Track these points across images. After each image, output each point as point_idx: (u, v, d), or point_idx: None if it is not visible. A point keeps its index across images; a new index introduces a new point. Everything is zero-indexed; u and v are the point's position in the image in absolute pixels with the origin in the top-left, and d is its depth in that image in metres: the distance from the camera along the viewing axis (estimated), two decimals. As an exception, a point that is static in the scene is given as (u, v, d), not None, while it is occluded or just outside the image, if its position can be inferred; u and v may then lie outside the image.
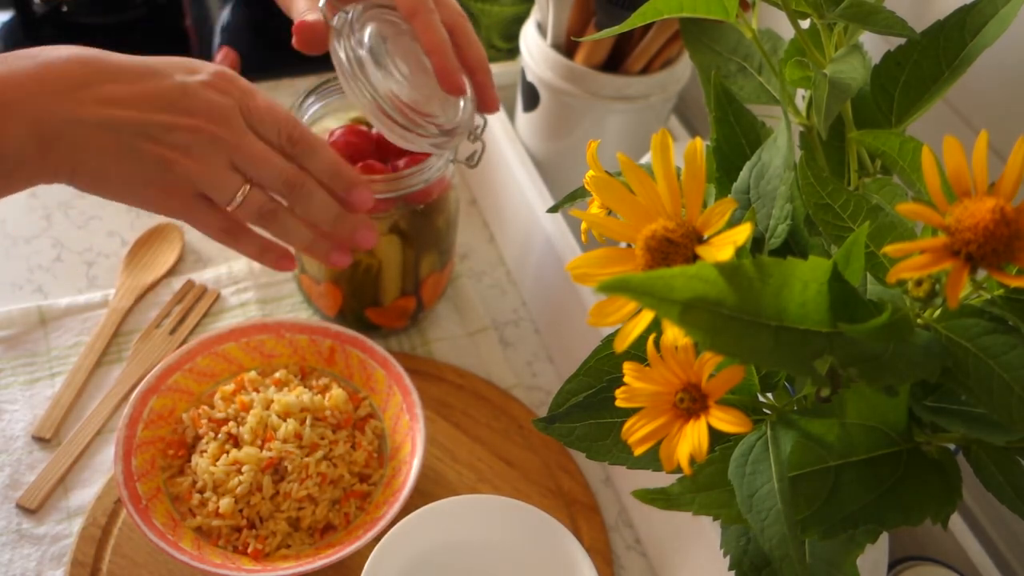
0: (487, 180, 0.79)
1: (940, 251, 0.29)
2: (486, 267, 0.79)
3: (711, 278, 0.29)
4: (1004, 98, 0.54)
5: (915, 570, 0.54)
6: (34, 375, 0.66)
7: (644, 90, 0.69)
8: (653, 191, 0.33)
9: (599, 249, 0.34)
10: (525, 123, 0.75)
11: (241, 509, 0.56)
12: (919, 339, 0.32)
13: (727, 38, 0.52)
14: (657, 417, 0.34)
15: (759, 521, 0.32)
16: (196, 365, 0.62)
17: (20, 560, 0.57)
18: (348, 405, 0.62)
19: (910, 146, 0.41)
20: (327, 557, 0.54)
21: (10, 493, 0.60)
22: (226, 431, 0.59)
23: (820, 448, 0.35)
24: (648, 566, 0.62)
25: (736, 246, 0.31)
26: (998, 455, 0.36)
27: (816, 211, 0.37)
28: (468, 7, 0.88)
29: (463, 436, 0.66)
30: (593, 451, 0.42)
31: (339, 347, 0.65)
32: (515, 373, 0.71)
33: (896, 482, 0.35)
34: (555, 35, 0.69)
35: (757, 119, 0.45)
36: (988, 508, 0.62)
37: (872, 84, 0.46)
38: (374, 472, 0.60)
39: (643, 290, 0.28)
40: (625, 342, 0.31)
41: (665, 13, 0.47)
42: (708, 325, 0.28)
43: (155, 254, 0.74)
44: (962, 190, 0.30)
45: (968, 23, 0.44)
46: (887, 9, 0.43)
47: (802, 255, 0.40)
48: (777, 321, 0.29)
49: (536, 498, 0.63)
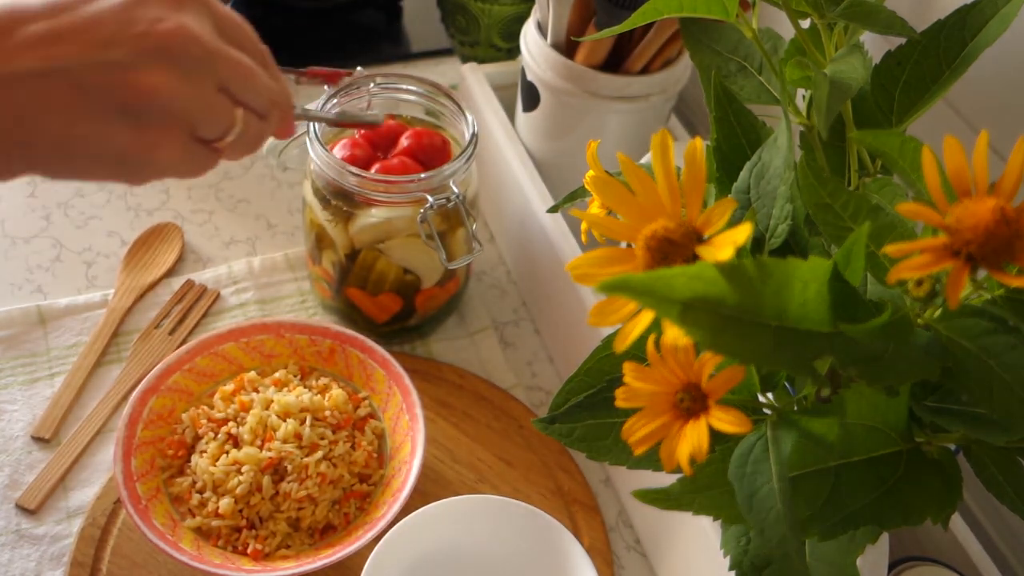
0: (487, 180, 0.79)
1: (940, 251, 0.29)
2: (486, 267, 0.78)
3: (711, 278, 0.28)
4: (1004, 98, 0.54)
5: (915, 570, 0.54)
6: (33, 375, 0.66)
7: (644, 90, 0.69)
8: (653, 191, 0.33)
9: (599, 249, 0.34)
10: (525, 123, 0.75)
11: (241, 509, 0.56)
12: (919, 339, 0.32)
13: (727, 38, 0.52)
14: (657, 417, 0.34)
15: (759, 521, 0.32)
16: (196, 365, 0.62)
17: (19, 560, 0.57)
18: (348, 405, 0.62)
19: (910, 146, 0.41)
20: (327, 557, 0.54)
21: (9, 493, 0.60)
22: (226, 431, 0.59)
23: (820, 448, 0.35)
24: (648, 566, 0.62)
25: (736, 246, 0.31)
26: (998, 455, 0.36)
27: (816, 211, 0.36)
28: (468, 7, 0.88)
29: (463, 436, 0.66)
30: (593, 451, 0.42)
31: (339, 347, 0.65)
32: (515, 373, 0.71)
33: (896, 482, 0.35)
34: (555, 35, 0.69)
35: (757, 119, 0.45)
36: (988, 508, 0.62)
37: (872, 84, 0.46)
38: (374, 472, 0.60)
39: (643, 290, 0.28)
40: (625, 342, 0.31)
41: (665, 13, 0.47)
42: (708, 325, 0.28)
43: (154, 254, 0.74)
44: (962, 190, 0.30)
45: (968, 23, 0.44)
46: (887, 9, 0.43)
47: (802, 255, 0.40)
48: (777, 321, 0.29)
49: (536, 498, 0.63)
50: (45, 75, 0.36)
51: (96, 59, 0.36)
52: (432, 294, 0.68)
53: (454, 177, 0.61)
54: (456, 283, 0.70)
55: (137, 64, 0.37)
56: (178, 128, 0.39)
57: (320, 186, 0.64)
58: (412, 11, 1.00)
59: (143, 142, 0.38)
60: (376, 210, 0.62)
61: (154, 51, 0.37)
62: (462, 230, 0.64)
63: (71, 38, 0.36)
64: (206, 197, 0.80)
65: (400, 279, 0.66)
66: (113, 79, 0.36)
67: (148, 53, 0.37)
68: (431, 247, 0.61)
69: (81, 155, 0.38)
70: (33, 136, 0.36)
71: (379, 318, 0.69)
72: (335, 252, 0.65)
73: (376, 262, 0.65)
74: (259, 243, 0.78)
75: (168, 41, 0.37)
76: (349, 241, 0.64)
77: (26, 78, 0.35)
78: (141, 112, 0.38)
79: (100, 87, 0.36)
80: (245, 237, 0.78)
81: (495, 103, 0.77)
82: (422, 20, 0.99)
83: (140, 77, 0.37)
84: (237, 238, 0.78)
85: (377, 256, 0.64)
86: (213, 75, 0.39)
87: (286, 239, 0.78)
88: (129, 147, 0.38)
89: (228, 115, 0.41)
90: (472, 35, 0.91)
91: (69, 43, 0.36)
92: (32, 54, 0.35)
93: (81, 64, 0.36)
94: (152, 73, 0.37)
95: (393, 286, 0.66)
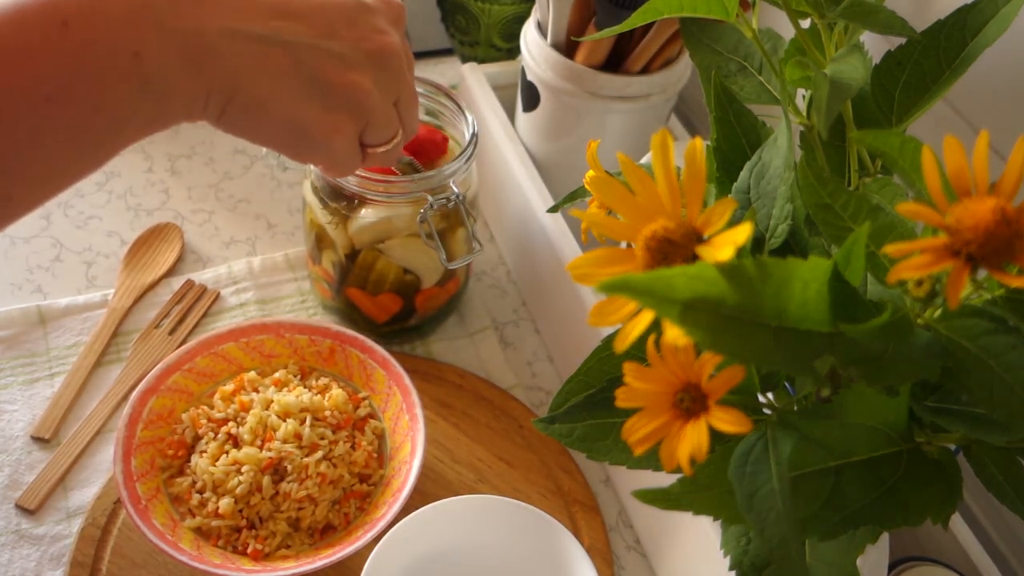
0: (487, 180, 0.79)
1: (940, 251, 0.29)
2: (486, 267, 0.78)
3: (711, 278, 0.28)
4: (1005, 98, 0.54)
5: (915, 570, 0.54)
6: (33, 375, 0.66)
7: (644, 90, 0.69)
8: (653, 191, 0.33)
9: (599, 249, 0.34)
10: (525, 123, 0.75)
11: (241, 509, 0.56)
12: (919, 339, 0.32)
13: (727, 38, 0.52)
14: (657, 417, 0.34)
15: (759, 521, 0.32)
16: (196, 365, 0.62)
17: (19, 560, 0.57)
18: (348, 405, 0.61)
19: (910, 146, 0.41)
20: (327, 557, 0.54)
21: (9, 493, 0.60)
22: (226, 431, 0.59)
23: (820, 448, 0.34)
24: (648, 566, 0.62)
25: (736, 246, 0.31)
26: (998, 455, 0.36)
27: (816, 211, 0.36)
28: (468, 7, 0.88)
29: (463, 436, 0.66)
30: (593, 451, 0.42)
31: (339, 347, 0.65)
32: (515, 373, 0.71)
33: (896, 482, 0.35)
34: (555, 35, 0.69)
35: (757, 119, 0.45)
36: (988, 508, 0.62)
37: (872, 84, 0.46)
38: (374, 472, 0.60)
39: (643, 290, 0.28)
40: (625, 342, 0.31)
41: (665, 13, 0.47)
42: (708, 325, 0.28)
43: (154, 254, 0.74)
44: (963, 190, 0.30)
45: (969, 22, 0.44)
46: (887, 9, 0.43)
47: (802, 255, 0.40)
48: (777, 321, 0.29)
49: (536, 498, 0.63)
50: (270, 41, 0.40)
51: (318, 43, 0.41)
52: (432, 294, 0.68)
53: (454, 177, 0.61)
54: (456, 283, 0.70)
55: (351, 60, 0.42)
56: (356, 124, 0.44)
57: (320, 186, 0.64)
58: (412, 11, 1.00)
59: (328, 124, 0.43)
60: (376, 210, 0.62)
61: (367, 54, 0.42)
62: (462, 230, 0.64)
63: (300, 18, 0.40)
64: (206, 197, 0.80)
65: (400, 279, 0.66)
66: (327, 64, 0.41)
67: (363, 54, 0.42)
68: (431, 247, 0.61)
69: (272, 117, 0.42)
70: (239, 88, 0.40)
71: (379, 318, 0.69)
72: (335, 252, 0.65)
73: (376, 262, 0.65)
74: (259, 243, 0.78)
75: (382, 51, 0.43)
76: (349, 241, 0.64)
77: (253, 38, 0.39)
78: (338, 100, 0.42)
79: (314, 67, 0.41)
80: (245, 237, 0.78)
81: (495, 103, 0.77)
82: (422, 20, 0.99)
83: (350, 72, 0.42)
84: (237, 238, 0.78)
85: (377, 256, 0.64)
86: (397, 91, 0.45)
87: (286, 239, 0.78)
88: (315, 124, 0.43)
89: (394, 128, 0.46)
90: (472, 35, 0.91)
91: (297, 21, 0.40)
92: (263, 21, 0.39)
93: (303, 43, 0.40)
94: (360, 72, 0.42)
95: (393, 286, 0.66)
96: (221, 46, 0.38)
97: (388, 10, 0.45)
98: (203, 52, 0.38)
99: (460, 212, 0.62)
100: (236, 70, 0.39)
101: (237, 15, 0.39)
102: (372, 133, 0.45)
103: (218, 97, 0.40)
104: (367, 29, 0.42)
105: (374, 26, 0.43)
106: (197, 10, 0.38)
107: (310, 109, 0.42)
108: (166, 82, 0.38)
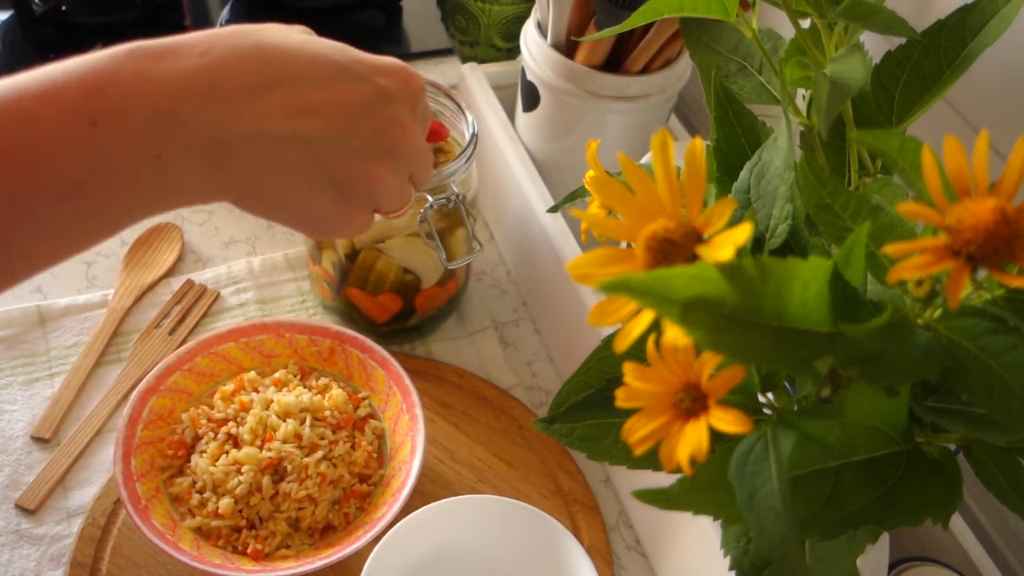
0: (487, 180, 0.79)
1: (940, 251, 0.29)
2: (486, 267, 0.78)
3: (711, 278, 0.28)
4: (1005, 98, 0.54)
5: (915, 570, 0.54)
6: (33, 375, 0.66)
7: (644, 90, 0.69)
8: (653, 191, 0.33)
9: (599, 249, 0.34)
10: (525, 123, 0.75)
11: (241, 509, 0.56)
12: (919, 339, 0.32)
13: (727, 38, 0.52)
14: (657, 417, 0.34)
15: (759, 521, 0.32)
16: (196, 365, 0.62)
17: (19, 560, 0.57)
18: (348, 405, 0.61)
19: (910, 146, 0.41)
20: (327, 557, 0.54)
21: (9, 493, 0.60)
22: (226, 431, 0.59)
23: (820, 448, 0.34)
24: (648, 566, 0.62)
25: (736, 246, 0.31)
26: (999, 455, 0.36)
27: (816, 211, 0.36)
28: (468, 7, 0.88)
29: (463, 436, 0.66)
30: (593, 451, 0.42)
31: (339, 347, 0.65)
32: (515, 373, 0.71)
33: (896, 482, 0.35)
34: (555, 35, 0.69)
35: (757, 119, 0.45)
36: (988, 508, 0.62)
37: (872, 84, 0.46)
38: (374, 472, 0.60)
39: (643, 290, 0.28)
40: (625, 342, 0.31)
41: (665, 13, 0.47)
42: (708, 325, 0.28)
43: (154, 254, 0.74)
44: (963, 190, 0.30)
45: (969, 22, 0.44)
46: (887, 9, 0.43)
47: (802, 255, 0.40)
48: (777, 321, 0.29)
49: (536, 498, 0.63)
50: (289, 140, 0.40)
51: (337, 139, 0.41)
52: (432, 294, 0.68)
53: (454, 177, 0.61)
54: (456, 283, 0.70)
55: (369, 155, 0.42)
56: (372, 207, 0.45)
57: (320, 186, 0.63)
58: (412, 11, 1.00)
59: (343, 215, 0.44)
60: (376, 210, 0.62)
61: (384, 147, 0.43)
62: (462, 230, 0.64)
63: (319, 112, 0.40)
64: (206, 197, 0.80)
65: (400, 279, 0.66)
66: (345, 159, 0.41)
67: (380, 148, 0.43)
68: (431, 247, 0.61)
69: (288, 209, 0.43)
70: (257, 185, 0.41)
71: (379, 318, 0.69)
72: (335, 252, 0.65)
73: (376, 262, 0.65)
74: (259, 243, 0.78)
75: (398, 143, 0.43)
76: (349, 241, 0.64)
77: (273, 138, 0.39)
78: (353, 192, 0.43)
79: (331, 161, 0.41)
80: (245, 237, 0.78)
81: (495, 103, 0.77)
82: (422, 20, 0.99)
83: (368, 166, 0.42)
84: (237, 238, 0.78)
85: (377, 256, 0.64)
86: (410, 169, 0.46)
87: (286, 239, 0.78)
88: (330, 215, 0.44)
89: (409, 198, 0.48)
90: (472, 35, 0.91)
91: (316, 116, 0.40)
92: (285, 121, 0.39)
93: (322, 138, 0.40)
94: (378, 166, 0.43)
95: (393, 286, 0.66)
96: (242, 148, 0.39)
97: (407, 93, 0.44)
98: (224, 154, 0.38)
99: (460, 212, 0.62)
100: (255, 169, 0.40)
101: (263, 118, 0.39)
102: (387, 207, 0.47)
103: (235, 190, 0.40)
104: (384, 121, 0.43)
105: (390, 117, 0.43)
106: (224, 115, 0.38)
107: (326, 201, 0.43)
108: (182, 179, 0.38)
